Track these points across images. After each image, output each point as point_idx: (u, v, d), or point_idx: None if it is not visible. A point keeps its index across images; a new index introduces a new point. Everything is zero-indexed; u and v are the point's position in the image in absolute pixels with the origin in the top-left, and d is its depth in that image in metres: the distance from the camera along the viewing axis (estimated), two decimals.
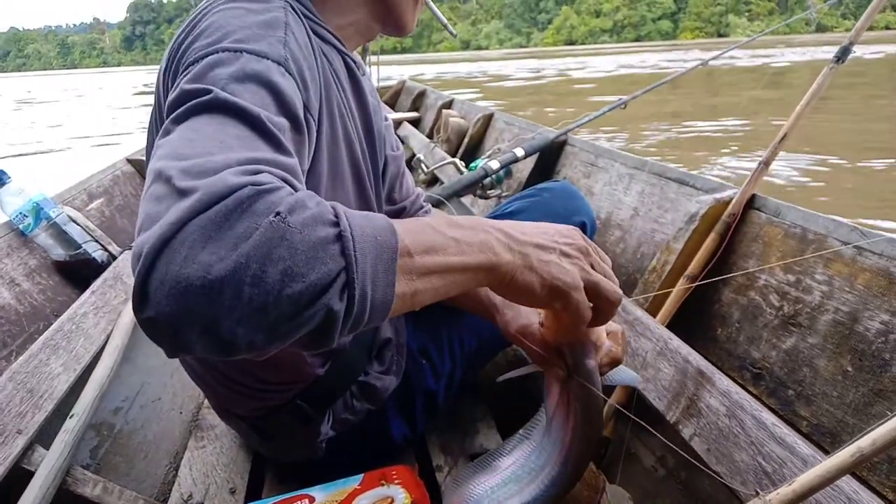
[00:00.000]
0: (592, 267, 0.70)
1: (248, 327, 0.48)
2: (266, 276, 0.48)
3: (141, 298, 0.48)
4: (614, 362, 0.85)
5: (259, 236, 0.48)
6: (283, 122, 0.65)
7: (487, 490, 0.87)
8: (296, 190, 0.55)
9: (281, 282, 0.48)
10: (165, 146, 0.58)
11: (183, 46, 0.74)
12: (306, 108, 0.72)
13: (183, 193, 0.50)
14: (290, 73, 0.71)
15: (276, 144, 0.61)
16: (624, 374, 0.85)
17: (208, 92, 0.62)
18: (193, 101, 0.62)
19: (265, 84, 0.66)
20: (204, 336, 0.48)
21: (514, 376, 0.88)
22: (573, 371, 0.75)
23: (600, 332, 0.78)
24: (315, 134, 0.77)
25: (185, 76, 0.67)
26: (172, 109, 0.63)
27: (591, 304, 0.69)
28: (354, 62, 1.00)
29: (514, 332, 0.93)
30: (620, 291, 0.71)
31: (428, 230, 0.61)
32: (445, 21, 1.10)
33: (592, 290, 0.68)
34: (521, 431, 0.89)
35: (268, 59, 0.69)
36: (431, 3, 1.04)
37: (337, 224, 0.52)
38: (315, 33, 0.86)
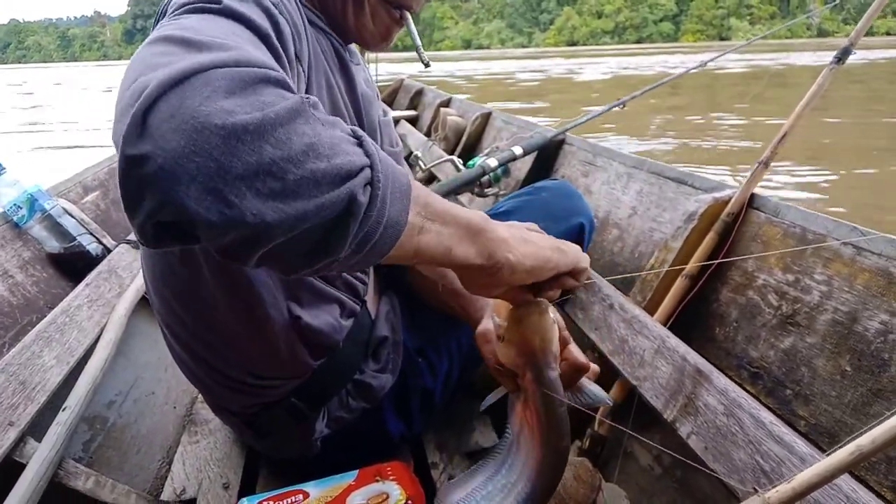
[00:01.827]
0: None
1: (259, 195, 0.42)
2: (291, 142, 0.43)
3: (138, 130, 0.41)
4: (577, 372, 0.83)
5: (286, 105, 0.44)
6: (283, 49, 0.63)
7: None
8: None
9: (305, 153, 0.44)
10: (163, 29, 0.52)
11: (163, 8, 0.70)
12: (298, 58, 0.70)
13: (202, 47, 0.46)
14: (283, 17, 0.68)
15: (281, 63, 0.59)
16: (593, 394, 0.85)
17: (217, 1, 0.58)
18: (198, 4, 0.58)
19: (264, 10, 0.63)
20: (204, 192, 0.41)
21: (494, 400, 0.87)
22: (536, 381, 0.74)
23: (557, 343, 0.76)
24: (305, 83, 0.75)
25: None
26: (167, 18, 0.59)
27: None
28: (343, 46, 0.98)
29: (476, 336, 0.92)
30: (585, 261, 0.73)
31: (426, 188, 0.60)
32: (419, 43, 1.07)
33: (566, 255, 0.70)
34: (492, 452, 0.89)
35: (260, 5, 0.65)
36: (411, 24, 1.00)
37: (356, 135, 0.50)
38: (307, 19, 0.85)
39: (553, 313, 0.74)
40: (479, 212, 0.64)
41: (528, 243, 0.66)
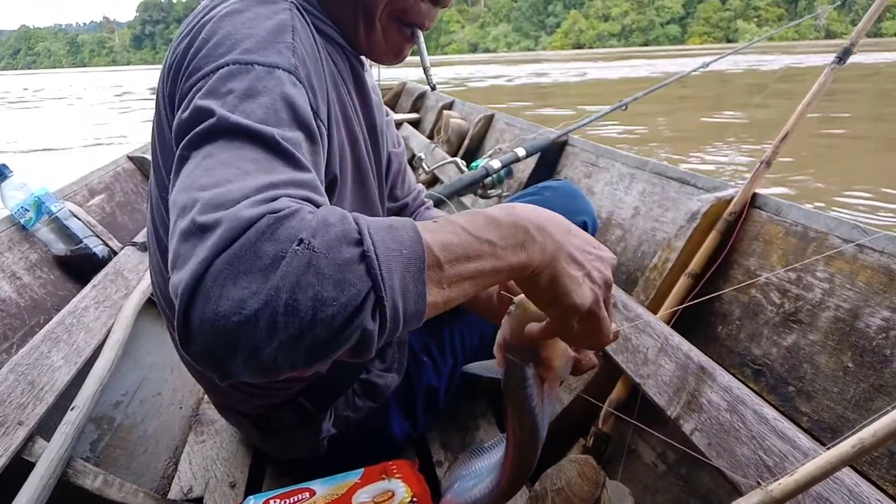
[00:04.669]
0: (605, 303, 0.69)
1: (287, 353, 0.50)
2: (298, 304, 0.49)
3: (184, 336, 0.50)
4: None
5: (286, 265, 0.49)
6: (298, 135, 0.65)
7: (455, 481, 0.93)
8: (317, 206, 0.56)
9: (313, 308, 0.49)
10: (184, 176, 0.59)
11: (191, 51, 0.73)
12: (316, 114, 0.72)
13: (204, 229, 0.52)
14: (300, 82, 0.71)
15: (293, 162, 0.61)
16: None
17: (223, 116, 0.62)
18: (207, 124, 0.62)
19: (278, 97, 0.66)
20: (247, 365, 0.50)
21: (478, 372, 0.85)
22: (509, 367, 0.73)
23: (558, 352, 0.74)
24: (326, 140, 0.77)
25: (196, 91, 0.67)
26: (186, 130, 0.63)
27: (581, 329, 0.68)
28: (357, 59, 0.99)
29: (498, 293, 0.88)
30: (611, 339, 0.71)
31: (461, 235, 0.60)
32: (428, 64, 1.04)
33: (595, 321, 0.68)
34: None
35: (279, 69, 0.69)
36: (422, 43, 0.98)
37: (360, 242, 0.53)
38: (319, 31, 0.85)
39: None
40: (522, 235, 0.62)
41: (550, 279, 0.64)
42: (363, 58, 1.01)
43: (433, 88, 1.07)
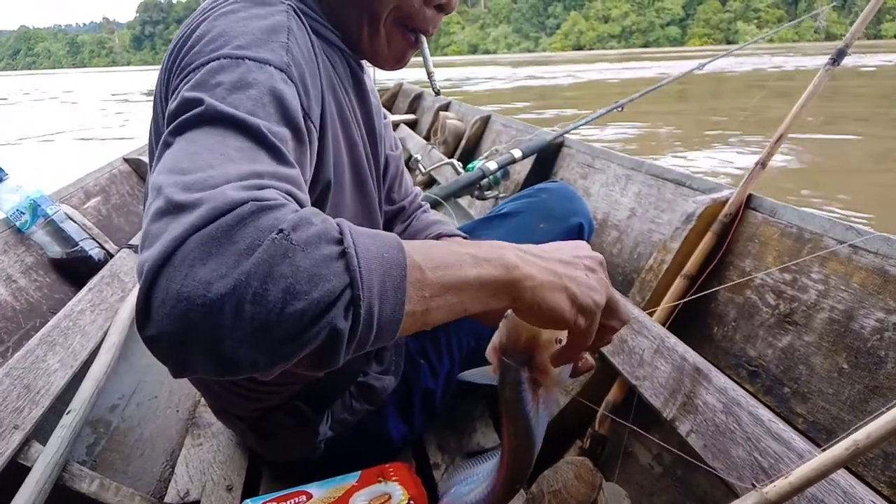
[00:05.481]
0: (608, 281, 0.67)
1: (250, 347, 0.47)
2: (268, 293, 0.46)
3: (143, 316, 0.47)
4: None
5: (261, 253, 0.47)
6: (285, 131, 0.64)
7: (452, 486, 0.93)
8: (299, 202, 0.54)
9: (283, 300, 0.46)
10: (166, 159, 0.57)
11: (184, 49, 0.73)
12: (307, 115, 0.71)
13: (182, 208, 0.49)
14: (291, 80, 0.70)
15: (278, 155, 0.60)
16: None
17: (210, 104, 0.61)
18: (193, 112, 0.61)
19: (267, 92, 0.65)
20: (206, 355, 0.47)
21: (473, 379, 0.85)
22: (504, 369, 0.72)
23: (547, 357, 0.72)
24: (316, 141, 0.76)
25: (186, 83, 0.66)
26: (172, 119, 0.62)
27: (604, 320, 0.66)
28: (357, 62, 0.98)
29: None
30: (628, 317, 0.68)
31: (440, 247, 0.58)
32: (432, 70, 1.03)
33: (612, 307, 0.66)
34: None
35: (270, 65, 0.68)
36: (426, 48, 0.96)
37: (341, 241, 0.51)
38: (317, 34, 0.85)
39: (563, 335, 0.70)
40: (502, 251, 0.60)
41: (558, 291, 0.61)
42: (363, 61, 1.00)
43: (437, 93, 1.07)
